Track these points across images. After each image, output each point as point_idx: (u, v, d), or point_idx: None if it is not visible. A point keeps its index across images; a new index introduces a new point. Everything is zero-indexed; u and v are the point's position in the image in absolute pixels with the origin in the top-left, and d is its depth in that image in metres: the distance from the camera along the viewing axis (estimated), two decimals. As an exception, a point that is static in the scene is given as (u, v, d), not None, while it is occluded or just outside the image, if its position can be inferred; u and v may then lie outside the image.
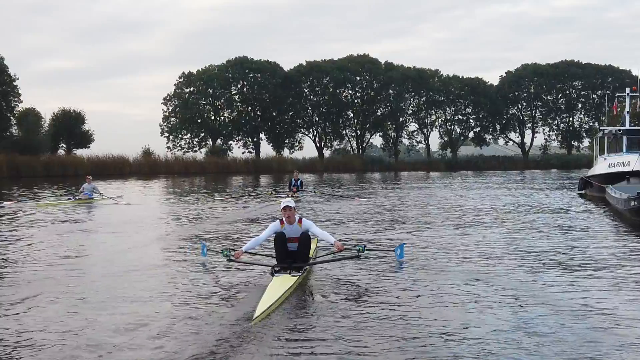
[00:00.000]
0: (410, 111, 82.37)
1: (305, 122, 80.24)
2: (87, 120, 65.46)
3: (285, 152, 77.90)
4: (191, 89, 75.16)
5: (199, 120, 75.06)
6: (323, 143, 79.79)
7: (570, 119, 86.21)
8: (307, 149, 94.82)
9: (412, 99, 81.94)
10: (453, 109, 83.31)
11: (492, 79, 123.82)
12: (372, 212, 17.51)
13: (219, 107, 76.33)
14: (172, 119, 75.14)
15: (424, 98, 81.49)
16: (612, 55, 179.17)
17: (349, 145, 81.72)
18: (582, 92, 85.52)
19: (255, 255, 9.06)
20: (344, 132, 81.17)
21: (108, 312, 6.43)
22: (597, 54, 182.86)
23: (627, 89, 24.95)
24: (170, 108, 75.29)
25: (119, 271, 8.73)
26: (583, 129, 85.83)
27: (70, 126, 62.22)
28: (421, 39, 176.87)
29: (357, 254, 8.33)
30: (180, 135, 74.97)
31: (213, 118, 76.31)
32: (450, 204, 20.50)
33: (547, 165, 78.16)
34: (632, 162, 20.93)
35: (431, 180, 43.44)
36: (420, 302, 6.79)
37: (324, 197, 24.31)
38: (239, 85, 76.33)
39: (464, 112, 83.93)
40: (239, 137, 77.08)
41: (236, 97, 76.79)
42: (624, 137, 23.77)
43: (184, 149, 73.94)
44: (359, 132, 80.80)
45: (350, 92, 79.89)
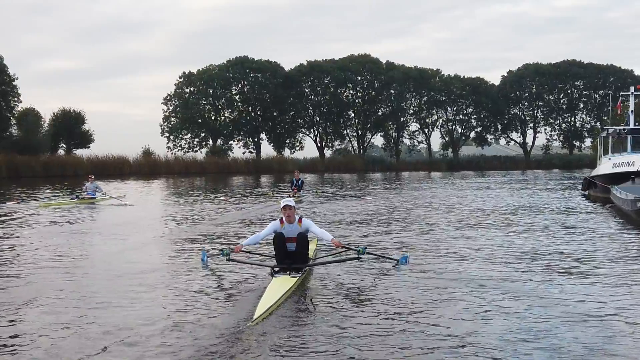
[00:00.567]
0: (411, 111, 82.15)
1: (306, 122, 79.99)
2: (87, 120, 65.30)
3: (286, 152, 77.79)
4: (191, 89, 74.92)
5: (199, 120, 74.82)
6: (324, 143, 79.54)
7: (572, 118, 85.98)
8: (308, 149, 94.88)
9: (413, 99, 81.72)
10: (454, 108, 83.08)
11: (492, 78, 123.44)
12: (374, 213, 17.27)
13: (220, 107, 76.07)
14: (173, 119, 74.91)
15: (425, 98, 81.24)
16: (612, 55, 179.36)
17: (350, 145, 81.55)
18: (584, 92, 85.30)
19: (255, 255, 8.97)
20: (345, 132, 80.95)
21: (107, 313, 6.40)
22: (598, 54, 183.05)
23: (631, 88, 24.65)
24: (171, 108, 75.11)
25: (118, 272, 8.65)
26: (585, 129, 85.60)
27: (70, 126, 61.96)
28: (421, 39, 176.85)
29: (358, 255, 8.23)
30: (180, 136, 74.74)
31: (213, 118, 76.05)
32: (452, 205, 20.25)
33: (549, 165, 78.00)
34: (637, 162, 20.66)
35: (432, 180, 43.22)
36: (422, 305, 6.66)
37: (325, 197, 24.08)
38: (239, 85, 76.07)
39: (465, 112, 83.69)
40: (240, 137, 76.81)
41: (237, 97, 76.54)
42: (629, 137, 23.49)
43: (185, 149, 73.79)
44: (360, 132, 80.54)
45: (351, 92, 79.63)
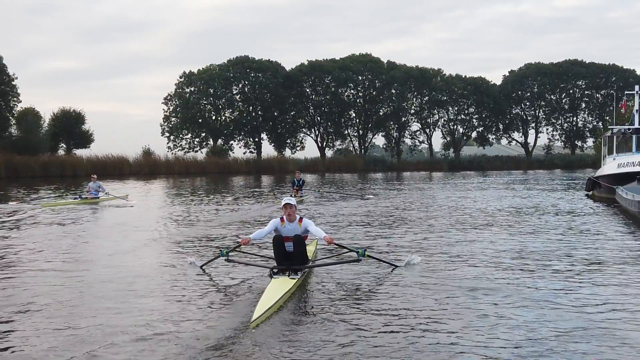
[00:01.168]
0: (412, 111, 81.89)
1: (307, 122, 79.70)
2: (88, 120, 65.14)
3: (287, 152, 77.48)
4: (192, 89, 74.67)
5: (199, 120, 74.56)
6: (325, 143, 79.24)
7: (574, 118, 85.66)
8: (309, 149, 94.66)
9: (414, 99, 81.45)
10: (456, 108, 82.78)
11: (493, 78, 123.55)
12: (375, 214, 17.01)
13: (220, 106, 75.78)
14: (173, 119, 74.65)
15: (426, 98, 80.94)
16: (614, 55, 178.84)
17: (351, 145, 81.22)
18: (586, 92, 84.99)
19: (254, 256, 8.94)
20: (346, 132, 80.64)
21: (103, 315, 6.32)
22: (599, 54, 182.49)
23: (636, 87, 24.26)
24: (171, 108, 74.83)
25: (116, 273, 8.57)
26: (587, 129, 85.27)
27: (70, 126, 61.72)
28: (423, 39, 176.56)
29: (357, 257, 8.12)
30: (181, 136, 74.49)
31: (214, 118, 75.75)
32: (455, 206, 19.97)
33: (551, 165, 77.80)
34: None
35: (434, 180, 42.98)
36: (423, 308, 6.54)
37: (326, 198, 23.85)
38: (240, 85, 75.78)
39: (466, 111, 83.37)
40: (240, 137, 76.58)
41: (237, 97, 76.25)
42: (634, 137, 23.16)
43: (185, 149, 73.52)
44: (361, 132, 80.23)
45: (352, 91, 79.33)
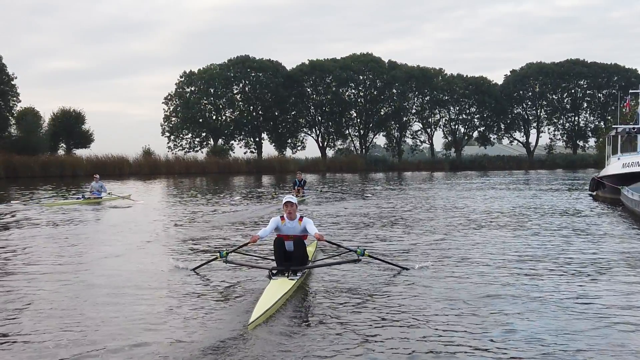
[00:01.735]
0: (413, 110, 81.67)
1: (308, 121, 79.44)
2: (88, 120, 64.96)
3: (288, 152, 77.23)
4: (192, 88, 74.42)
5: (200, 120, 74.32)
6: (326, 143, 78.98)
7: (576, 118, 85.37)
8: (310, 148, 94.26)
9: (415, 98, 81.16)
10: (457, 108, 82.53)
11: (495, 78, 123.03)
12: (377, 215, 16.76)
13: (221, 106, 75.55)
14: (173, 119, 74.42)
15: (427, 97, 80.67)
16: (615, 55, 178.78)
17: (352, 145, 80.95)
18: (588, 91, 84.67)
19: (253, 257, 8.88)
20: (347, 131, 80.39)
21: (100, 317, 6.23)
22: (601, 54, 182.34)
23: (640, 86, 23.99)
24: (172, 108, 74.60)
25: (113, 274, 8.49)
26: (589, 129, 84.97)
27: (70, 126, 61.51)
28: (424, 39, 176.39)
29: (357, 257, 8.01)
30: (181, 135, 74.26)
31: (214, 118, 75.48)
32: (457, 206, 19.72)
33: (553, 165, 77.56)
34: None
35: (435, 180, 42.73)
36: (425, 310, 6.42)
37: (327, 199, 23.66)
38: (240, 85, 75.52)
39: (468, 111, 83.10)
40: (241, 137, 76.34)
41: (238, 97, 76.01)
42: (639, 136, 22.87)
43: (185, 149, 73.28)
44: (362, 131, 79.96)
45: (353, 91, 79.03)
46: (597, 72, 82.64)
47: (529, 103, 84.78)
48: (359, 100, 79.42)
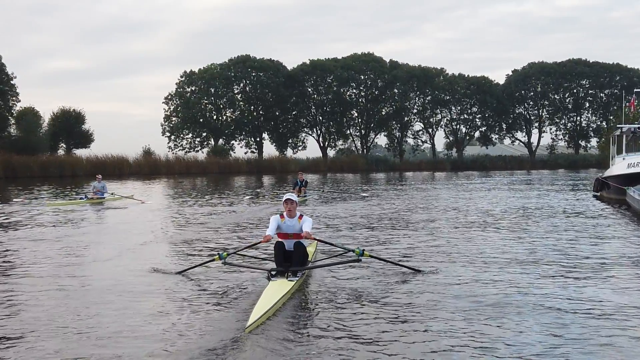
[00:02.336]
0: (415, 110, 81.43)
1: (309, 121, 79.18)
2: (88, 120, 64.80)
3: (289, 152, 76.98)
4: (193, 88, 74.16)
5: (200, 120, 74.07)
6: (327, 143, 78.71)
7: (578, 118, 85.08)
8: (311, 148, 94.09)
9: (417, 98, 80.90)
10: (459, 108, 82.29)
11: (496, 78, 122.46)
12: (378, 216, 16.48)
13: (221, 106, 75.29)
14: (174, 119, 74.17)
15: (429, 97, 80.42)
16: (616, 55, 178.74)
17: (353, 145, 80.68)
18: (590, 91, 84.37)
19: (252, 258, 8.81)
20: (348, 131, 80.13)
21: (97, 319, 6.13)
22: (602, 54, 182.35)
23: (646, 85, 23.67)
24: (172, 107, 74.33)
25: (111, 276, 8.37)
26: (591, 129, 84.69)
27: (70, 126, 61.32)
28: (425, 39, 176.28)
29: (357, 257, 7.85)
30: (182, 135, 74.00)
31: (215, 117, 75.22)
32: (460, 207, 19.44)
33: (555, 165, 77.32)
34: None
35: (437, 181, 42.48)
36: (426, 312, 6.28)
37: (327, 200, 23.49)
38: (241, 84, 75.25)
39: (469, 111, 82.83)
40: (242, 136, 76.08)
41: (238, 96, 75.76)
42: (644, 136, 22.59)
43: (186, 149, 73.04)
44: (363, 131, 79.69)
45: (354, 91, 78.78)
46: (599, 72, 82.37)
47: (531, 103, 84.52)
48: (360, 100, 79.16)
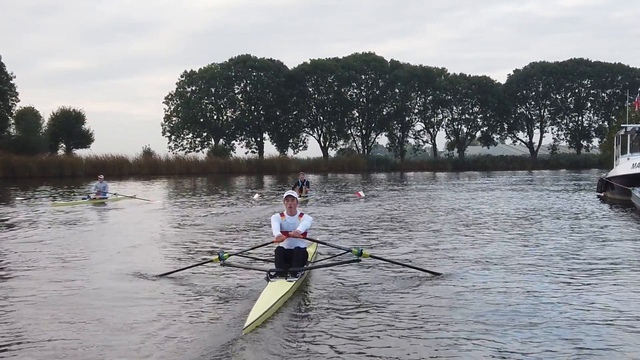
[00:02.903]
0: (416, 110, 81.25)
1: (310, 121, 79.01)
2: (89, 120, 64.69)
3: (289, 152, 76.87)
4: (193, 88, 73.99)
5: (201, 120, 73.91)
6: (328, 143, 78.54)
7: (580, 118, 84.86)
8: (312, 148, 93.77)
9: (418, 98, 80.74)
10: (460, 108, 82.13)
11: (498, 78, 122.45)
12: (379, 217, 16.25)
13: (222, 106, 75.11)
14: (174, 119, 73.97)
15: (430, 97, 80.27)
16: (617, 55, 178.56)
17: (354, 145, 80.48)
18: (592, 91, 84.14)
19: (251, 259, 8.70)
20: (349, 131, 79.98)
21: (95, 320, 6.04)
22: (603, 54, 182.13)
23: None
24: (172, 107, 74.14)
25: (109, 277, 8.26)
26: (592, 128, 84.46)
27: (70, 126, 61.17)
28: (426, 39, 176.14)
29: (357, 257, 7.72)
30: (182, 135, 73.82)
31: (215, 117, 75.05)
32: (462, 207, 19.21)
33: (556, 165, 77.12)
34: None
35: (438, 181, 42.24)
36: (427, 313, 6.17)
37: (329, 200, 23.35)
38: (242, 84, 75.07)
39: (471, 111, 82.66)
40: (242, 136, 75.89)
41: (239, 96, 75.60)
42: (650, 136, 22.30)
43: (186, 149, 72.86)
44: (364, 131, 79.52)
45: (355, 90, 78.61)
46: (601, 72, 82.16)
47: (532, 103, 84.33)
48: (361, 99, 78.98)
